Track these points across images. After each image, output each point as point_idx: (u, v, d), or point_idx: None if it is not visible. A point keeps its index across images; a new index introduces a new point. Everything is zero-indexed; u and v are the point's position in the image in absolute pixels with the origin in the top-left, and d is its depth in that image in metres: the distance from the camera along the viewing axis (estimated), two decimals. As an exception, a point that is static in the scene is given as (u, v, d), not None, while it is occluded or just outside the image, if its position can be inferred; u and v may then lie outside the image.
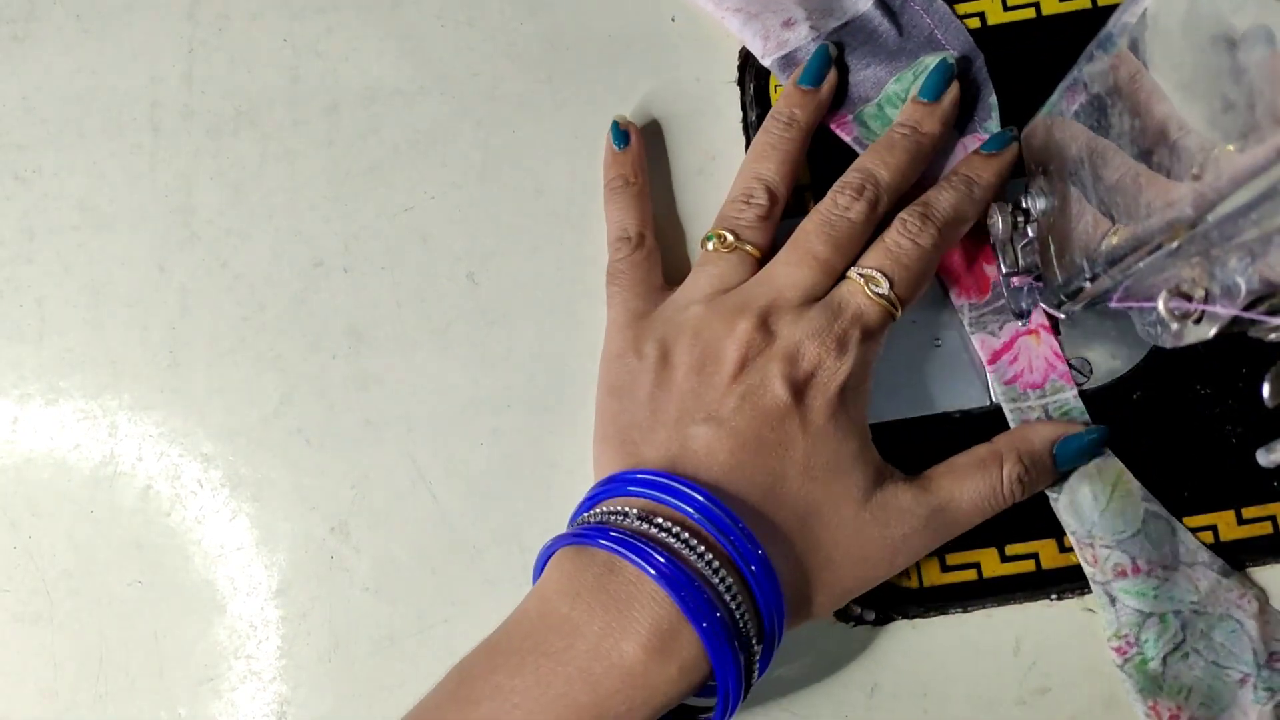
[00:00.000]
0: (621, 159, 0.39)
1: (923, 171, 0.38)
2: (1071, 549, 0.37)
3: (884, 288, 0.34)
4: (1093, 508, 0.36)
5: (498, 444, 0.39)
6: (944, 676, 0.37)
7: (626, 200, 0.38)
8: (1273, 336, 0.26)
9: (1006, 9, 0.40)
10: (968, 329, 0.38)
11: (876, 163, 0.36)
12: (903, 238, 0.35)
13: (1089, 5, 0.39)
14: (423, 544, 0.39)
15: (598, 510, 0.33)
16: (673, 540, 0.30)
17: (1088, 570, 0.36)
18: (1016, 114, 0.38)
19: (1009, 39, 0.39)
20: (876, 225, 0.36)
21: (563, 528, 0.39)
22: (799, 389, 0.33)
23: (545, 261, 0.40)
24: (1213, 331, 0.26)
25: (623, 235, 0.38)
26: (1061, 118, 0.32)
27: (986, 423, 0.37)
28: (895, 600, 0.37)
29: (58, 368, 0.41)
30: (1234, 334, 0.26)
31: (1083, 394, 0.37)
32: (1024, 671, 0.37)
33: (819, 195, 0.39)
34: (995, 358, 0.37)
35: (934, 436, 0.38)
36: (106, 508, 0.40)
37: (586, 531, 0.31)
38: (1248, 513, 0.37)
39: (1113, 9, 0.28)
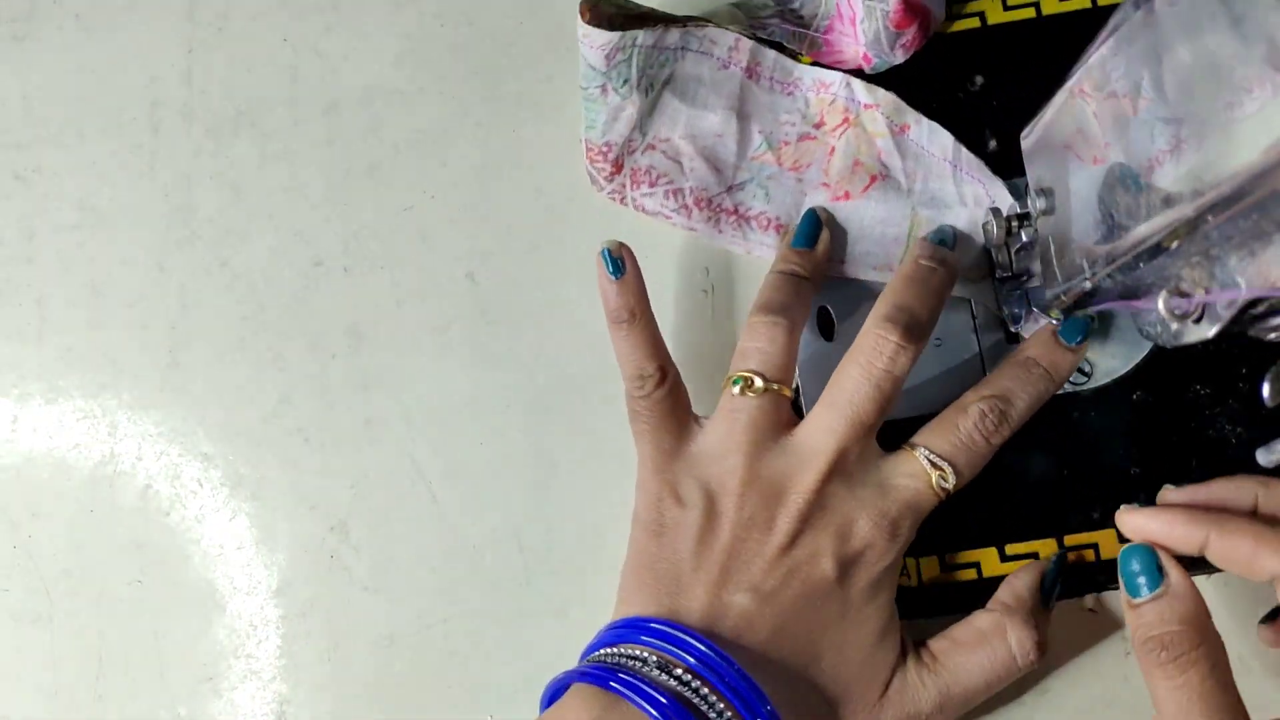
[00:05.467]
0: (621, 289, 0.35)
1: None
2: (1072, 549, 0.37)
3: (950, 482, 0.34)
4: None
5: (498, 444, 0.39)
6: (944, 676, 0.37)
7: (635, 336, 0.35)
8: (1273, 336, 0.26)
9: (1006, 9, 0.40)
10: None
11: (915, 299, 0.34)
12: (978, 434, 0.34)
13: (1089, 5, 0.39)
14: (422, 544, 0.39)
15: (617, 650, 0.32)
16: (693, 697, 0.30)
17: None
18: (1017, 115, 0.38)
19: (1009, 39, 0.40)
20: None
21: (562, 527, 0.39)
22: (845, 568, 0.33)
23: (545, 261, 0.40)
24: (1213, 331, 0.26)
25: (640, 374, 0.35)
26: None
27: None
28: (895, 600, 0.37)
29: (58, 367, 0.41)
30: (1234, 334, 0.26)
31: (1083, 394, 0.37)
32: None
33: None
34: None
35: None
36: (106, 507, 0.40)
37: (608, 674, 0.31)
38: (1248, 513, 0.37)
39: (1113, 8, 0.28)
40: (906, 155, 0.38)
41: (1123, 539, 0.37)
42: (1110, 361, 0.37)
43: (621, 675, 0.30)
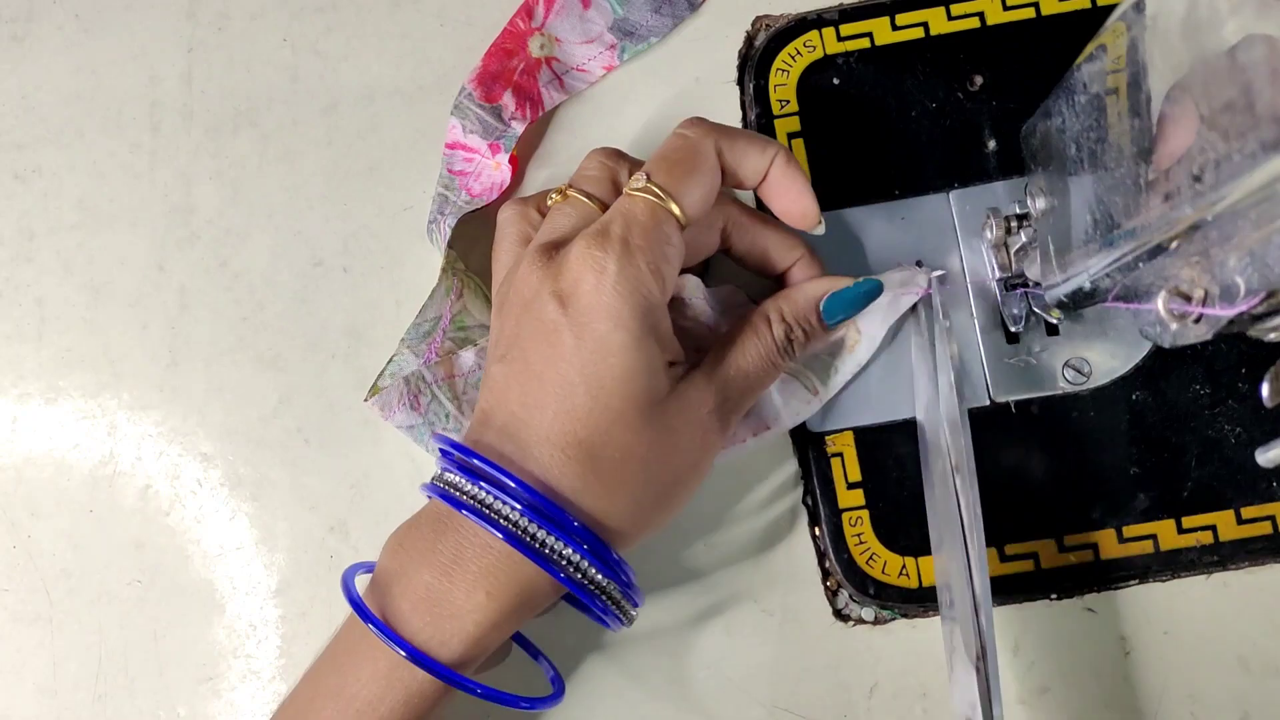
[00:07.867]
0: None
1: None
2: (1071, 549, 0.37)
3: (640, 181, 0.33)
4: None
5: (497, 444, 0.39)
6: (944, 676, 0.37)
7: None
8: (1272, 336, 0.26)
9: (1006, 9, 0.40)
10: (453, 105, 0.40)
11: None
12: (665, 141, 0.34)
13: (1089, 5, 0.39)
14: (422, 544, 0.39)
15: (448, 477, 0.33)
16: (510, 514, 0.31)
17: None
18: (1017, 115, 0.38)
19: (1008, 39, 0.40)
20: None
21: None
22: (565, 299, 0.32)
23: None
24: (1212, 331, 0.26)
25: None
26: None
27: (983, 423, 0.37)
28: (895, 600, 0.37)
29: (57, 367, 0.41)
30: (1234, 334, 0.26)
31: (1083, 394, 0.37)
32: (1024, 671, 0.37)
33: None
34: (453, 145, 0.40)
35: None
36: (106, 507, 0.40)
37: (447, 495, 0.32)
38: (1247, 512, 0.37)
39: (1111, 9, 0.28)
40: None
41: (1122, 539, 0.37)
42: (1110, 361, 0.37)
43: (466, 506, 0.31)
